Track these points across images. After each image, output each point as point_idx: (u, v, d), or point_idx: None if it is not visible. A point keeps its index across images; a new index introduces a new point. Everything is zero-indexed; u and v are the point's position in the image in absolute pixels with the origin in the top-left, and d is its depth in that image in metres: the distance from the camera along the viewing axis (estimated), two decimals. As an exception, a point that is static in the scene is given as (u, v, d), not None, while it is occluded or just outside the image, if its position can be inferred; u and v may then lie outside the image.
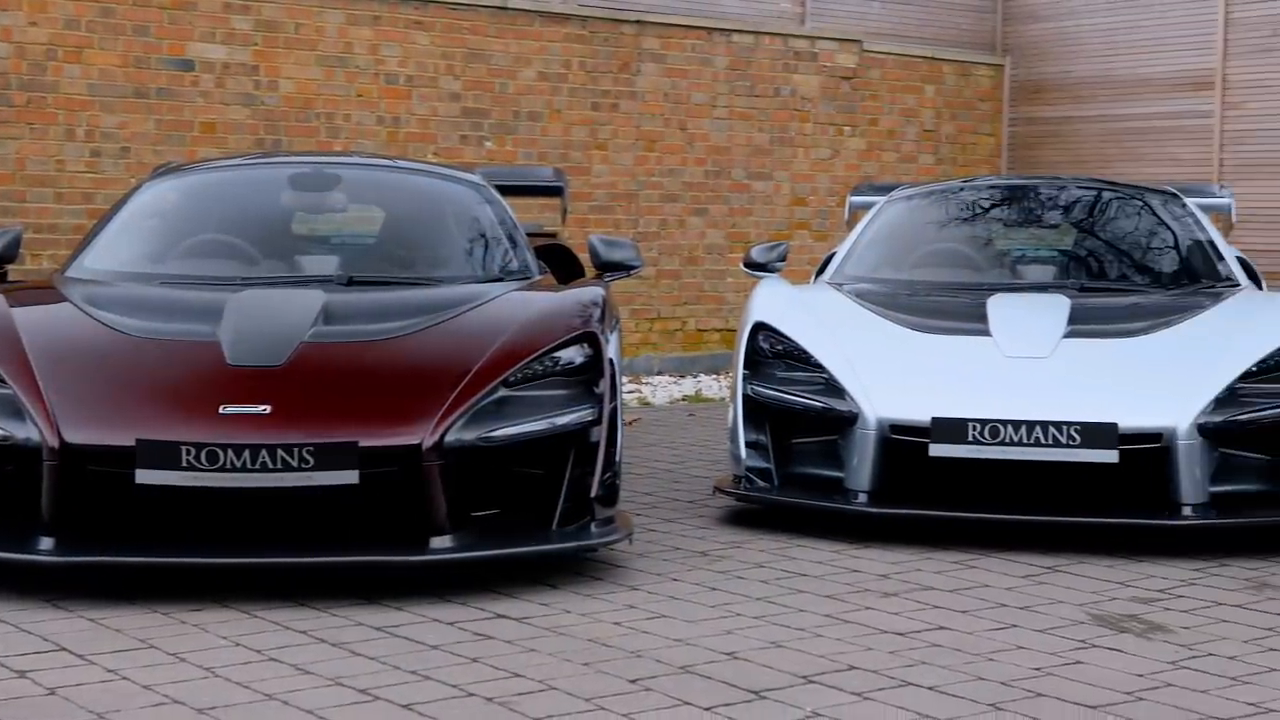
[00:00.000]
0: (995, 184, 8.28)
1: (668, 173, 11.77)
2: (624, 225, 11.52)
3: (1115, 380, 5.94)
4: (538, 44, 11.14)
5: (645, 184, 11.67)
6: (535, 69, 11.14)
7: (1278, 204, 11.46)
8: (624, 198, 11.58)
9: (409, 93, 10.68)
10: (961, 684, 4.09)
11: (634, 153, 11.60)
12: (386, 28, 10.57)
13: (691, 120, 11.84)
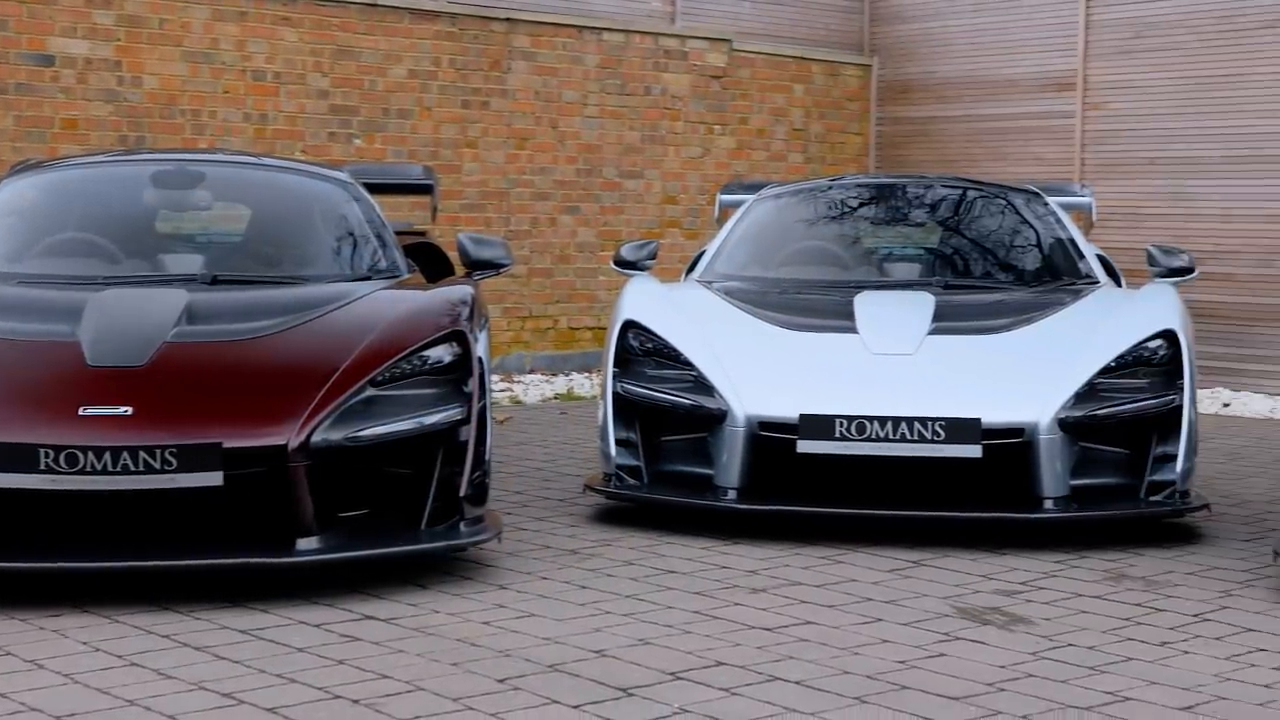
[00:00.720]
0: (862, 183, 8.37)
1: (539, 171, 11.75)
2: (495, 223, 11.49)
3: (979, 376, 6.03)
4: (407, 41, 11.07)
5: (516, 182, 11.64)
6: (405, 66, 11.07)
7: (1137, 203, 11.70)
8: (495, 196, 11.54)
9: (276, 89, 10.56)
10: (827, 678, 4.13)
11: (505, 151, 11.57)
12: (253, 23, 10.45)
13: (563, 118, 11.84)
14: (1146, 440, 6.01)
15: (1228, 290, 11.21)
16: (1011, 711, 3.87)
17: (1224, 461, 8.10)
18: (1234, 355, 11.12)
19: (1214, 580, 5.34)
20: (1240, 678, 4.19)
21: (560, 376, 11.45)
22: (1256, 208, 11.14)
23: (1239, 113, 11.23)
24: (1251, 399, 10.67)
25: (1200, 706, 3.94)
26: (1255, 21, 11.18)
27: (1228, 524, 6.33)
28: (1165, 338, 6.17)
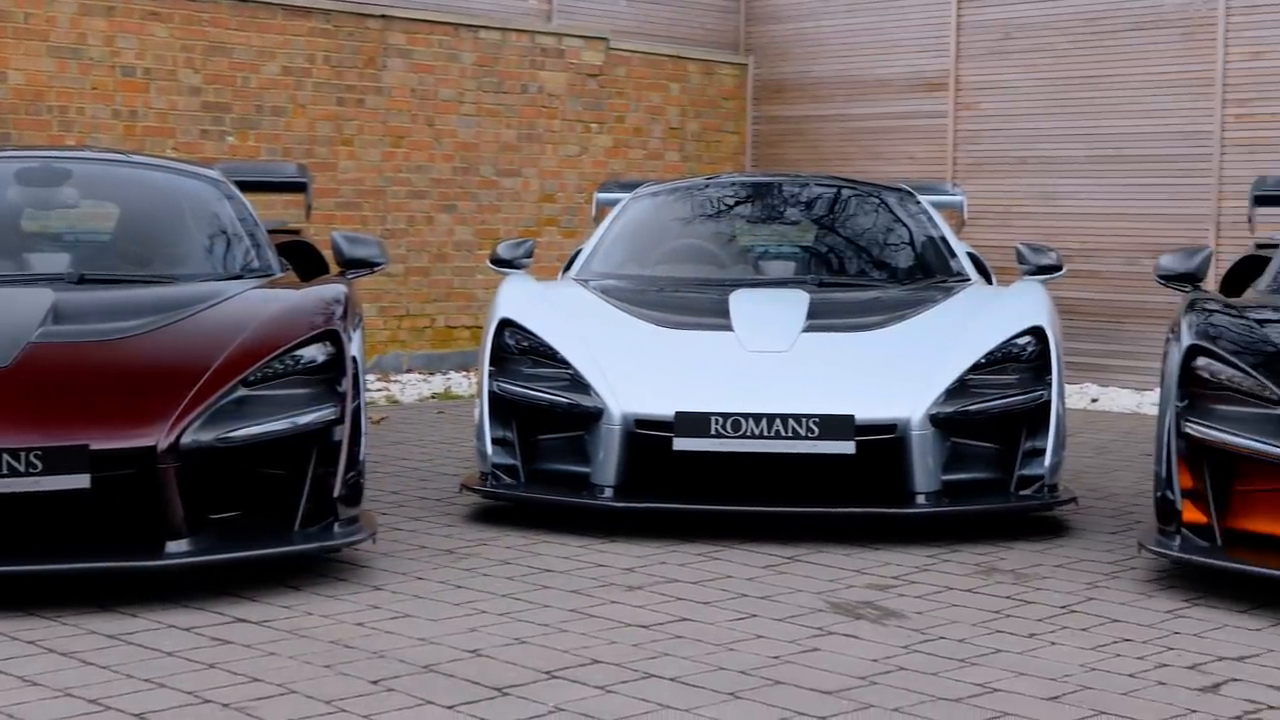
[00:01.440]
0: (738, 181, 8.42)
1: (415, 169, 11.68)
2: (371, 222, 11.40)
3: (852, 373, 6.09)
4: (281, 38, 10.95)
5: (393, 180, 11.57)
6: (279, 63, 10.95)
7: (1007, 201, 11.88)
8: (371, 194, 11.46)
9: (146, 85, 10.40)
10: (702, 674, 4.15)
11: (381, 149, 11.49)
12: (122, 18, 10.28)
13: (439, 116, 11.78)
14: (1016, 435, 6.10)
15: (1095, 287, 11.41)
16: (883, 704, 3.91)
17: (1092, 456, 8.26)
18: (1102, 351, 11.33)
19: (1081, 572, 5.44)
20: (1106, 667, 4.27)
21: (438, 375, 11.40)
22: (1122, 207, 11.36)
23: (1105, 113, 11.44)
24: (1119, 394, 10.88)
25: (1066, 696, 4.01)
26: (1121, 24, 11.39)
27: (1095, 517, 6.45)
28: (1034, 334, 6.27)
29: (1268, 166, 10.27)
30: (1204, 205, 10.99)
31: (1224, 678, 4.19)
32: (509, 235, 11.68)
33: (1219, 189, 10.90)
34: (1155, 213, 11.20)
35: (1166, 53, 11.17)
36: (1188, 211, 11.06)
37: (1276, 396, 5.06)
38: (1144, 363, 10.76)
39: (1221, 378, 5.26)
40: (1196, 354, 5.35)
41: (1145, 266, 10.81)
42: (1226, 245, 10.60)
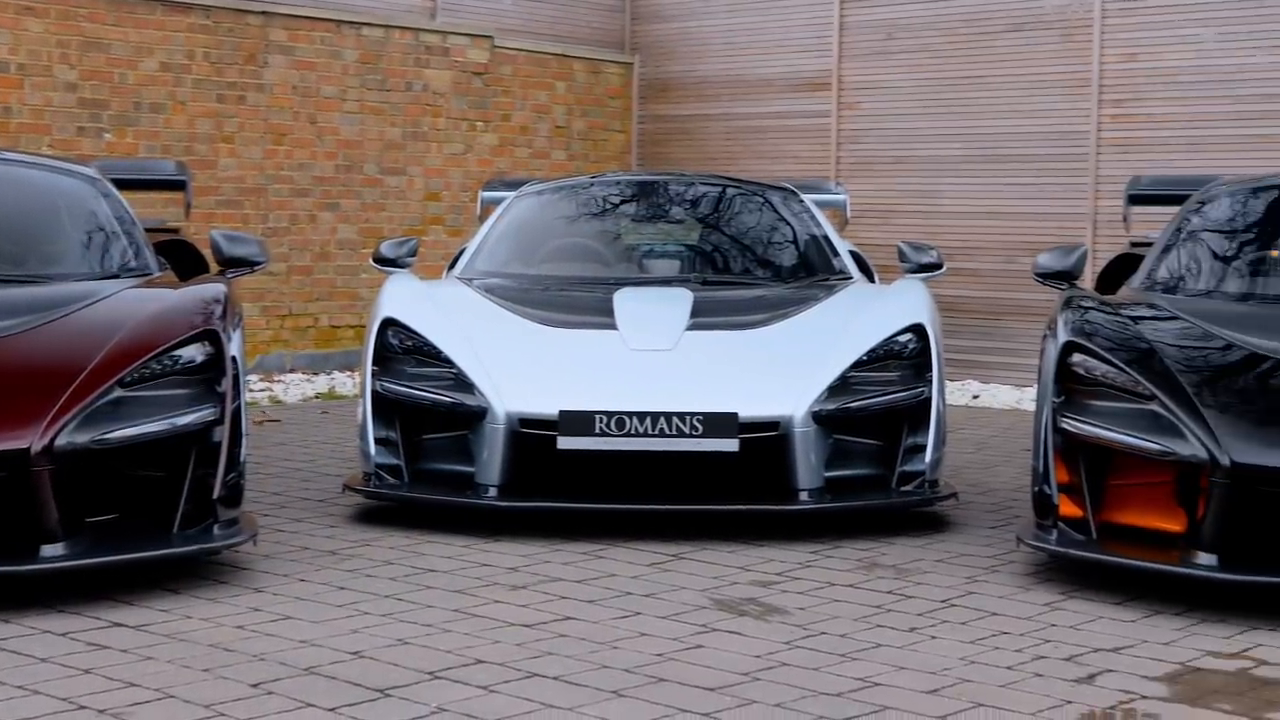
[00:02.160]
0: (623, 180, 8.43)
1: (298, 167, 11.57)
2: (253, 220, 11.27)
3: (735, 371, 6.12)
4: (160, 34, 10.79)
5: (275, 178, 11.44)
6: (157, 59, 10.79)
7: (889, 200, 12.00)
8: (252, 192, 11.33)
9: (20, 81, 10.20)
10: (586, 673, 4.15)
11: (262, 146, 11.36)
12: (-5, 13, 10.08)
13: (321, 114, 11.67)
14: (898, 432, 6.16)
15: (976, 285, 11.56)
16: (765, 700, 3.94)
17: (973, 451, 8.36)
18: (982, 348, 11.48)
19: (961, 567, 5.51)
20: (984, 660, 4.33)
21: (322, 375, 11.30)
22: (1001, 206, 11.52)
23: (984, 113, 11.59)
24: (999, 390, 11.03)
25: (946, 689, 4.06)
26: (998, 25, 11.55)
27: (975, 512, 6.53)
28: (915, 332, 6.33)
29: (1142, 166, 10.45)
30: (1081, 204, 11.17)
31: (1099, 668, 4.26)
32: (393, 234, 11.60)
33: (1095, 188, 11.09)
34: (1034, 211, 11.37)
35: (1044, 54, 11.34)
36: (1065, 210, 11.23)
37: (1149, 392, 5.15)
38: (1023, 359, 10.91)
39: (1096, 374, 5.35)
40: (1072, 351, 5.44)
41: (1024, 264, 10.96)
42: (1103, 244, 10.78)
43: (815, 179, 10.80)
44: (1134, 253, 7.91)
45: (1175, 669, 4.27)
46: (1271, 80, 10.39)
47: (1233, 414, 5.01)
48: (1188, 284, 6.30)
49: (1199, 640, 4.56)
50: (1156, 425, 5.08)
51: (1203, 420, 4.96)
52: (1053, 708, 3.91)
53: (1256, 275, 6.35)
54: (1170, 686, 4.11)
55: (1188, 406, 5.04)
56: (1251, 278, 6.33)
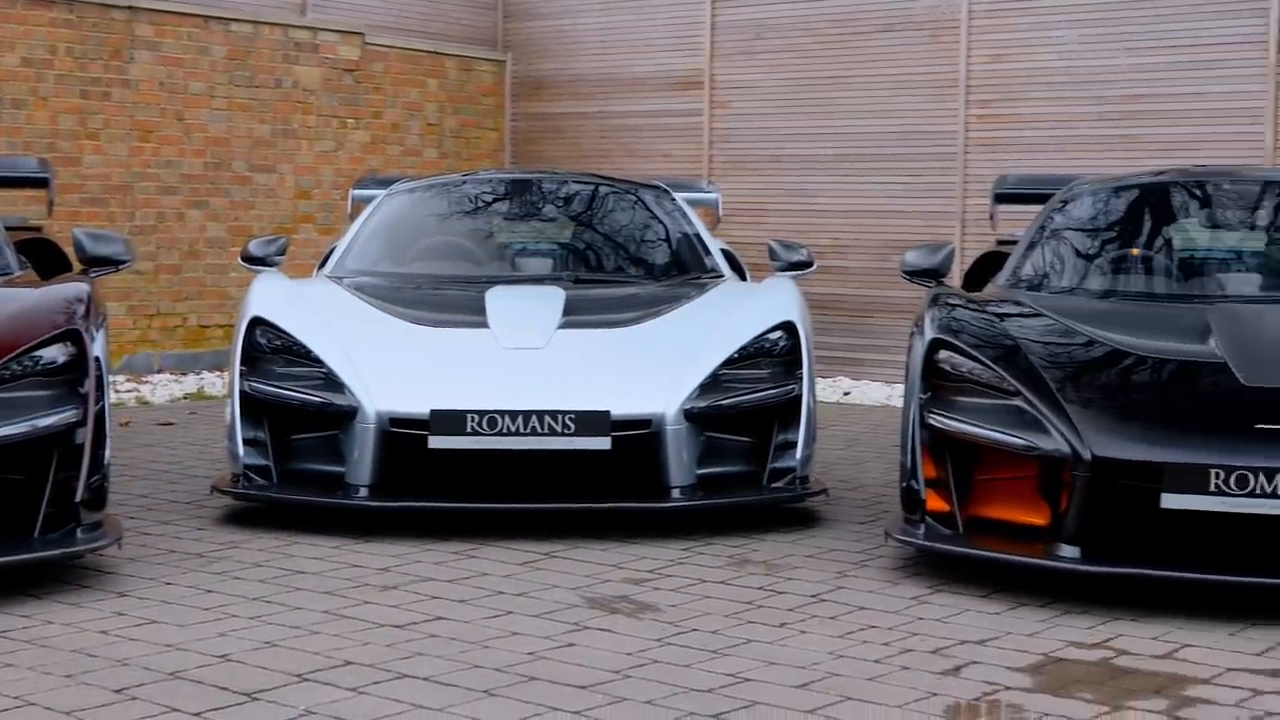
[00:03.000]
0: (496, 178, 8.41)
1: (165, 164, 11.39)
2: (119, 218, 11.09)
3: (607, 369, 6.13)
4: (21, 28, 10.58)
5: (141, 176, 11.26)
6: (18, 54, 10.57)
7: (761, 199, 12.08)
8: (118, 190, 11.14)
9: (-124, 76, 9.96)
10: (457, 673, 4.13)
11: (128, 143, 11.18)
12: None
13: (189, 110, 11.50)
14: (768, 429, 6.21)
15: (847, 283, 11.68)
16: (636, 698, 3.95)
17: (843, 448, 8.44)
18: (854, 345, 11.59)
19: (831, 562, 5.56)
20: (853, 654, 4.37)
21: (190, 376, 11.14)
22: (872, 204, 11.64)
23: (854, 113, 11.71)
24: (870, 387, 11.14)
25: (815, 683, 4.09)
26: (869, 26, 11.67)
27: (845, 508, 6.60)
28: (785, 329, 6.38)
29: (1008, 165, 10.62)
30: (949, 203, 11.32)
31: (965, 660, 4.32)
32: (263, 232, 11.46)
33: (964, 187, 11.25)
34: (903, 210, 11.50)
35: (913, 54, 11.48)
36: (934, 209, 11.38)
37: (1014, 388, 5.23)
38: (894, 356, 11.03)
39: (962, 370, 5.43)
40: (939, 348, 5.51)
41: (894, 263, 11.08)
42: (971, 242, 10.94)
43: (687, 177, 10.85)
44: (1000, 250, 8.03)
45: (1039, 660, 4.34)
46: (1134, 81, 10.61)
47: (1095, 409, 5.10)
48: (1051, 281, 6.41)
49: (1062, 631, 4.64)
50: (1021, 421, 5.16)
51: (1065, 415, 5.05)
52: (919, 700, 3.96)
53: (1118, 273, 6.48)
54: (1034, 677, 4.18)
55: (1051, 402, 5.12)
56: (1113, 275, 6.46)
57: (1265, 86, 10.14)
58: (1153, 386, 5.28)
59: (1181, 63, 10.45)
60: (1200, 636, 4.58)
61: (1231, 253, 6.60)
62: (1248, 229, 6.69)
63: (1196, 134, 10.36)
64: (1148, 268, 6.52)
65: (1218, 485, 4.76)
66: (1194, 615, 4.80)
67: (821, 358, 11.10)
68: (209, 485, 6.58)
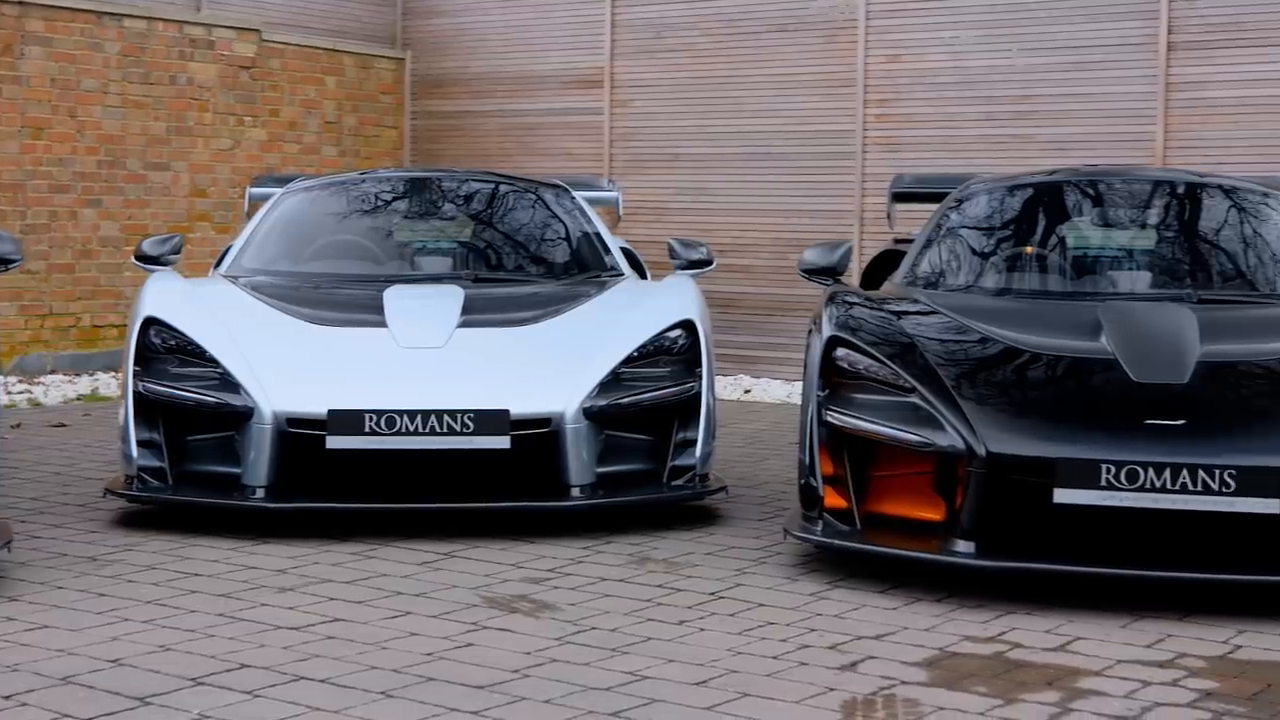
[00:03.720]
0: (394, 176, 8.36)
1: (57, 162, 11.22)
2: (10, 217, 10.90)
3: (507, 368, 6.11)
4: (-93, 22, 10.40)
5: (33, 174, 11.09)
6: (-95, 49, 10.39)
7: (662, 197, 12.10)
8: (9, 188, 10.96)
9: None
10: (354, 674, 4.11)
11: (19, 141, 11.00)
12: None
13: (82, 107, 11.34)
14: (668, 427, 6.22)
15: (748, 282, 11.73)
16: (535, 697, 3.94)
17: (743, 445, 8.48)
18: (754, 343, 11.65)
19: (730, 559, 5.58)
20: (751, 650, 4.40)
21: (84, 376, 10.98)
22: (772, 203, 11.70)
23: (754, 112, 11.76)
24: (770, 385, 11.20)
25: (713, 680, 4.11)
26: (766, 25, 11.73)
27: (745, 505, 6.63)
28: (684, 327, 6.40)
29: (905, 164, 10.72)
30: (848, 201, 11.41)
31: (862, 656, 4.36)
32: (158, 231, 11.33)
33: (862, 186, 11.33)
34: (803, 209, 11.57)
35: (811, 54, 11.55)
36: (833, 208, 11.46)
37: (910, 385, 5.28)
38: (795, 354, 11.08)
39: (859, 367, 5.47)
40: (836, 345, 5.55)
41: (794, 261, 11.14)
42: (869, 240, 11.03)
43: (588, 176, 10.84)
44: (897, 249, 8.11)
45: (934, 654, 4.38)
46: (1027, 82, 10.74)
47: (990, 406, 5.16)
48: (947, 279, 6.48)
49: (957, 625, 4.69)
50: (917, 417, 5.21)
51: (960, 412, 5.11)
52: (816, 695, 3.99)
53: (1013, 271, 6.56)
54: (929, 671, 4.22)
55: (946, 399, 5.18)
56: (1008, 273, 6.53)
57: (1155, 88, 10.31)
58: (1046, 383, 5.35)
59: (1073, 64, 10.60)
60: (1092, 629, 4.65)
61: (1123, 251, 6.71)
62: (1139, 228, 6.80)
63: (1088, 134, 10.52)
64: (1041, 266, 6.61)
65: (1108, 480, 4.83)
66: (1086, 609, 4.88)
67: (722, 356, 11.16)
68: (102, 488, 6.48)
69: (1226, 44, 10.13)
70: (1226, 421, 5.03)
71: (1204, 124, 10.18)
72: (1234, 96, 10.08)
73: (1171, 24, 10.26)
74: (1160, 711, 3.90)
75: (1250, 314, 5.96)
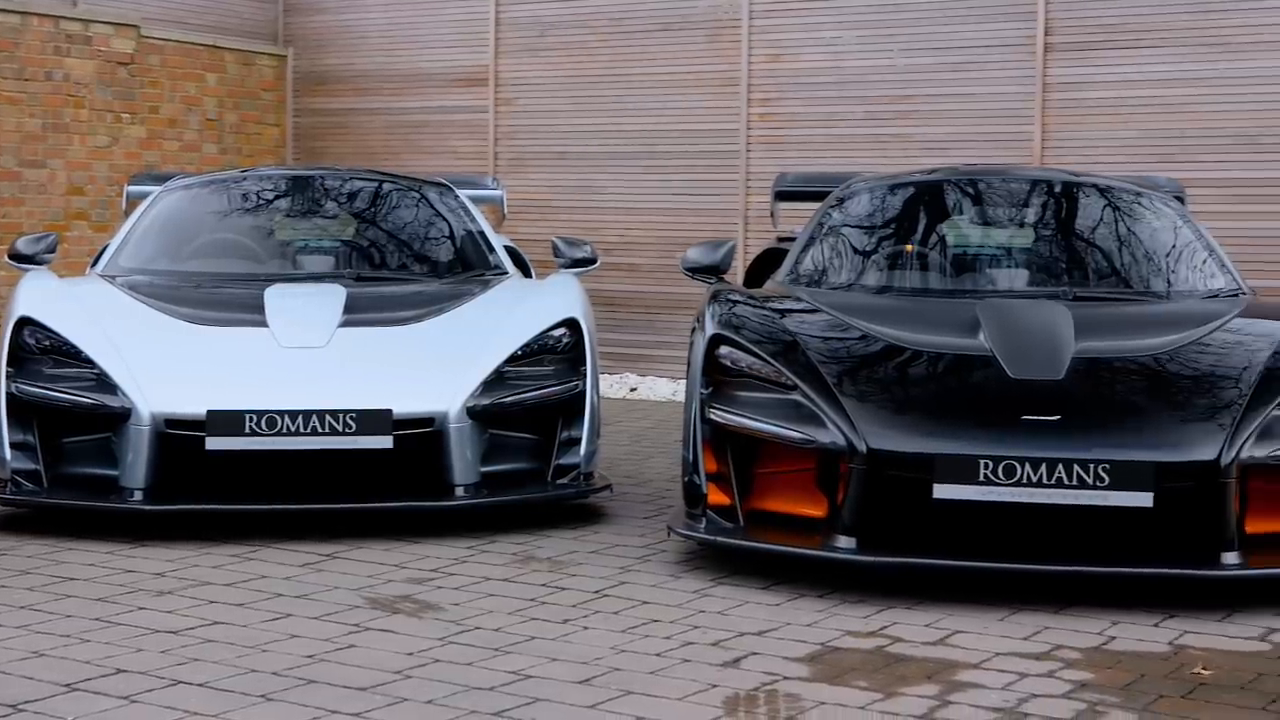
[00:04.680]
0: (276, 174, 8.27)
1: (-71, 159, 10.99)
2: (-121, 215, 10.66)
3: (389, 368, 6.07)
4: None
5: (-97, 171, 10.86)
6: None
7: (547, 196, 12.08)
8: (-122, 185, 10.72)
9: None
10: (234, 678, 4.06)
11: (-111, 137, 10.76)
12: None
13: (-46, 103, 11.11)
14: (553, 426, 6.21)
15: (634, 280, 11.74)
16: (417, 698, 3.92)
17: (629, 443, 8.49)
18: (641, 342, 11.66)
19: (615, 557, 5.59)
20: (635, 648, 4.40)
21: (-43, 378, 10.74)
22: (658, 202, 11.72)
23: (639, 111, 11.78)
24: (656, 383, 11.22)
25: (597, 678, 4.11)
26: (650, 24, 11.75)
27: (629, 503, 6.64)
28: (568, 326, 6.39)
29: (788, 163, 10.79)
30: (733, 200, 11.46)
31: (745, 652, 4.38)
32: (34, 230, 11.11)
33: (746, 184, 11.39)
34: (688, 207, 11.61)
35: (694, 53, 11.58)
36: (718, 206, 11.50)
37: (792, 382, 5.32)
38: (680, 352, 11.10)
39: (742, 365, 5.50)
40: (719, 343, 5.57)
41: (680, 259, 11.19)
42: (754, 238, 11.09)
43: (472, 174, 10.80)
44: (780, 247, 8.16)
45: (816, 649, 4.42)
46: (908, 82, 10.85)
47: (871, 403, 5.21)
48: (829, 277, 6.53)
49: (839, 620, 4.73)
50: (799, 414, 5.25)
51: (842, 409, 5.15)
52: (699, 692, 4.00)
53: (894, 269, 6.63)
54: (811, 666, 4.25)
55: (828, 396, 5.22)
56: (889, 271, 6.60)
57: (1033, 88, 10.46)
58: (926, 380, 5.41)
59: (953, 64, 10.73)
60: (970, 623, 4.71)
61: (1001, 249, 6.80)
62: (1017, 226, 6.89)
63: (969, 133, 10.65)
64: (922, 264, 6.68)
65: (986, 475, 4.90)
66: (965, 602, 4.94)
67: (609, 354, 11.18)
68: (-25, 491, 6.35)
69: (1102, 46, 10.31)
70: (1100, 417, 5.11)
71: (1080, 124, 10.35)
72: (1109, 97, 10.25)
73: (1049, 25, 10.42)
74: (1036, 702, 3.96)
75: (1124, 311, 6.07)
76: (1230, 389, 5.21)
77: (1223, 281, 6.43)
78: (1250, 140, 9.90)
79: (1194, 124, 10.05)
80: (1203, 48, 10.01)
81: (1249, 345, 5.49)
